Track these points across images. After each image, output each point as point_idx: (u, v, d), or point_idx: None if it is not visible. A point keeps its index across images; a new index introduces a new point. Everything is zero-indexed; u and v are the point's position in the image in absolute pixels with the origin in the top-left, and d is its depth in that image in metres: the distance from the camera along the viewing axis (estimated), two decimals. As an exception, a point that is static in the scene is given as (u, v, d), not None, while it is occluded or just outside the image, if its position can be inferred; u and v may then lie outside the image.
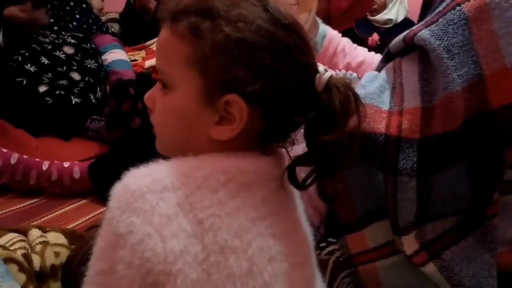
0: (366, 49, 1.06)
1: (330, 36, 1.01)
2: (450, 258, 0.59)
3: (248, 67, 0.42)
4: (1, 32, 1.55)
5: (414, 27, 0.60)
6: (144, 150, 0.52)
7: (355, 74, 0.72)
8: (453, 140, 0.55)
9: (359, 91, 0.62)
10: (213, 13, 0.42)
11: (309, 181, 0.45)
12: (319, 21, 1.03)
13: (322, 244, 0.65)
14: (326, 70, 0.43)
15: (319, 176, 0.44)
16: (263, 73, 0.42)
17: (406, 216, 0.57)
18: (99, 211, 1.14)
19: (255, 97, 0.42)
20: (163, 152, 0.48)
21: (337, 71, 0.74)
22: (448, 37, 0.56)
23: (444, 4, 0.59)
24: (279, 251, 0.43)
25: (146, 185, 0.40)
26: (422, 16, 0.69)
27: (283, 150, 0.48)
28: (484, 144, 0.55)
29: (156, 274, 0.38)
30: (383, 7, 2.45)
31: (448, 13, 0.57)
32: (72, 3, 1.95)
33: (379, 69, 0.68)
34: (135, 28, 2.17)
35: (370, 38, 2.29)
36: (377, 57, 1.02)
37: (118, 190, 0.40)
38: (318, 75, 0.43)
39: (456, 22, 0.56)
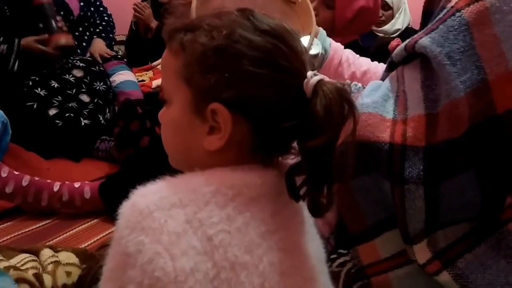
0: (369, 59, 1.06)
1: (334, 47, 1.02)
2: (465, 266, 0.58)
3: (222, 74, 0.42)
4: (17, 61, 1.59)
5: (415, 35, 0.60)
6: (154, 169, 0.53)
7: (360, 85, 0.72)
8: (459, 147, 0.54)
9: (363, 100, 0.63)
10: (194, 26, 0.45)
11: (303, 191, 0.44)
12: (325, 33, 1.03)
13: (333, 256, 0.65)
14: (315, 75, 0.43)
15: (308, 186, 0.43)
16: (239, 79, 0.42)
17: (416, 225, 0.56)
18: (110, 230, 1.15)
19: (236, 104, 0.42)
20: (174, 166, 0.49)
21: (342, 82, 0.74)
22: (448, 43, 0.55)
23: (444, 11, 0.59)
24: (290, 266, 0.43)
25: (154, 203, 0.40)
26: (423, 24, 0.70)
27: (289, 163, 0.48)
28: (491, 149, 0.55)
29: None
30: (391, 17, 2.44)
31: (448, 19, 0.57)
32: (81, 28, 2.00)
33: (383, 79, 0.68)
34: (140, 50, 2.22)
35: (394, 43, 2.21)
36: (381, 66, 1.02)
37: (126, 209, 0.40)
38: (305, 80, 0.42)
39: (456, 28, 0.56)
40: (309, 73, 0.43)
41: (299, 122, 0.42)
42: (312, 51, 0.94)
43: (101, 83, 1.77)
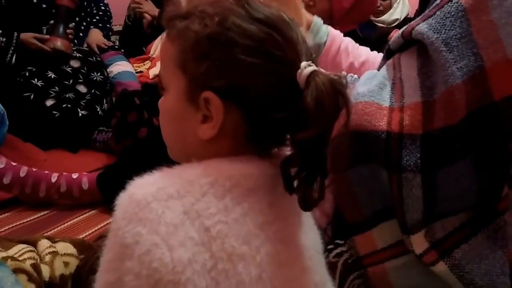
0: (368, 49, 1.06)
1: (333, 36, 1.01)
2: (461, 256, 0.58)
3: (213, 62, 0.42)
4: (15, 55, 1.59)
5: (412, 22, 0.60)
6: (152, 160, 0.53)
7: (356, 76, 0.72)
8: (456, 134, 0.54)
9: (358, 89, 0.62)
10: (189, 13, 0.45)
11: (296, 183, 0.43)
12: (321, 22, 1.03)
13: (330, 246, 0.65)
14: (309, 66, 0.41)
15: (300, 179, 0.42)
16: (230, 68, 0.42)
17: (414, 214, 0.56)
18: (108, 221, 1.15)
19: (227, 93, 0.42)
20: (173, 157, 0.49)
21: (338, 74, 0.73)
22: (446, 29, 0.55)
23: None
24: (288, 257, 0.43)
25: (151, 194, 0.40)
26: (420, 11, 0.69)
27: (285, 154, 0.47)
28: (488, 136, 0.55)
29: (165, 284, 0.38)
30: (389, 7, 2.43)
31: (445, 5, 0.57)
32: (77, 19, 1.98)
33: (380, 67, 0.68)
34: (135, 42, 2.22)
35: (394, 34, 2.18)
36: (380, 56, 1.01)
37: (123, 200, 0.40)
38: (299, 70, 0.41)
39: (453, 15, 0.56)
40: (303, 64, 0.41)
41: (291, 114, 0.41)
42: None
43: (98, 74, 1.76)
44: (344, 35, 1.06)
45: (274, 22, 0.43)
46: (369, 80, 0.64)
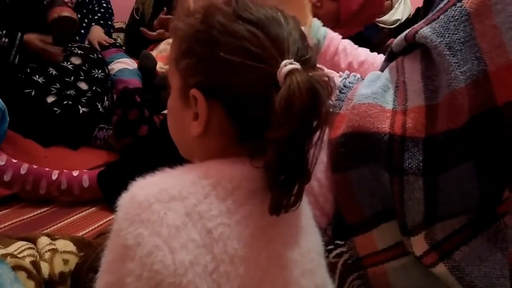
0: (368, 49, 1.05)
1: (331, 37, 1.01)
2: (461, 258, 0.58)
3: (195, 59, 0.43)
4: (18, 55, 1.59)
5: (416, 25, 0.60)
6: (152, 158, 0.53)
7: (358, 75, 0.72)
8: (459, 138, 0.54)
9: (362, 91, 0.62)
10: (183, 13, 0.46)
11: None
12: (320, 24, 1.03)
13: (329, 247, 0.65)
14: (291, 64, 0.39)
15: (277, 182, 0.40)
16: (211, 65, 0.42)
17: (414, 216, 0.56)
18: (108, 219, 1.15)
19: (209, 90, 0.42)
20: (182, 154, 0.49)
21: (340, 73, 0.73)
22: (449, 33, 0.55)
23: (445, 1, 0.59)
24: (289, 259, 0.43)
25: (153, 196, 0.39)
26: (424, 14, 0.69)
27: None
28: (491, 141, 0.55)
29: (166, 286, 0.38)
30: (390, 8, 2.44)
31: (449, 9, 0.57)
32: (79, 16, 1.97)
33: (382, 69, 0.68)
34: (140, 37, 2.21)
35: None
36: (379, 57, 1.01)
37: (125, 201, 0.40)
38: (278, 69, 0.40)
39: (457, 19, 0.56)
40: (283, 62, 0.40)
41: (267, 113, 0.39)
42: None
43: (100, 71, 1.76)
44: (350, 37, 1.06)
45: (261, 20, 0.42)
46: (372, 82, 0.64)
